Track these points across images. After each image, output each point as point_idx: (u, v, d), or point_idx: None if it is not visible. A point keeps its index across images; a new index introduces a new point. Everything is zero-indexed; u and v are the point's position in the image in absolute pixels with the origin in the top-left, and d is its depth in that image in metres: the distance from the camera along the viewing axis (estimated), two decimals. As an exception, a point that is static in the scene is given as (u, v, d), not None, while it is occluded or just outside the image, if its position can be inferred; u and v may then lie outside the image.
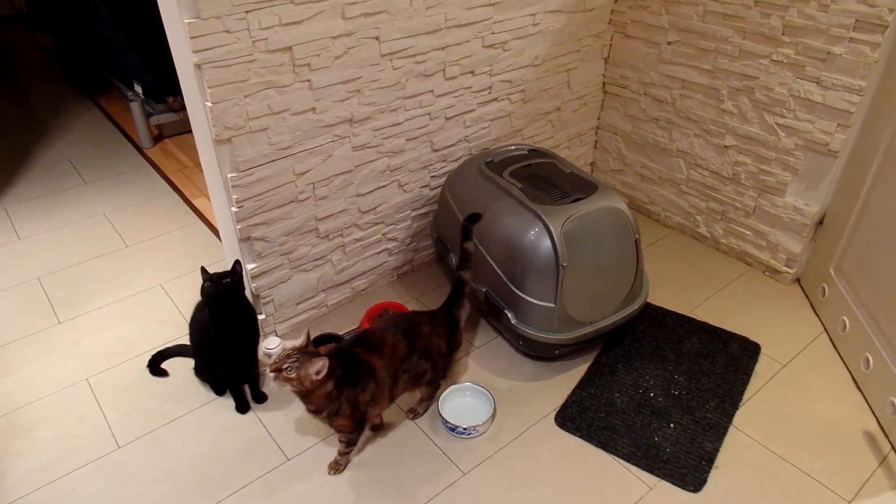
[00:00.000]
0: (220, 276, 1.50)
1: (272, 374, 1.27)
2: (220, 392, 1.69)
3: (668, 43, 2.10)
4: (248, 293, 1.76)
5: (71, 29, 3.33)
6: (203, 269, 1.51)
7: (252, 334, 1.61)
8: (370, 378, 1.40)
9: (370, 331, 1.47)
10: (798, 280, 2.09)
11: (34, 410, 1.65)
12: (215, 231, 2.35)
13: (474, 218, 1.64)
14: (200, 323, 1.59)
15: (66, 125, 3.17)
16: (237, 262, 1.52)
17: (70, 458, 1.53)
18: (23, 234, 2.35)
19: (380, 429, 1.59)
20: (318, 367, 1.27)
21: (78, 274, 2.15)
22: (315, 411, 1.35)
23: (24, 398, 1.68)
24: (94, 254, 2.25)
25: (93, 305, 2.01)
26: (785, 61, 1.83)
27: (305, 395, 1.31)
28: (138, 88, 2.89)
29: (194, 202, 2.50)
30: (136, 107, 2.81)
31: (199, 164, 2.74)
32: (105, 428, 1.60)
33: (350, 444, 1.47)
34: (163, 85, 2.82)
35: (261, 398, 1.69)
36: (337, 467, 1.48)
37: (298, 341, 1.34)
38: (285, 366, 1.26)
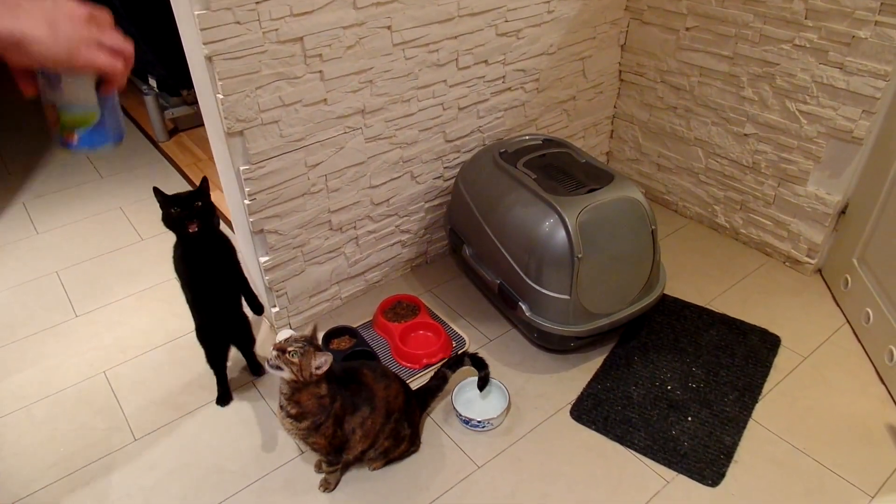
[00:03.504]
0: (188, 198, 1.31)
1: (274, 353, 1.22)
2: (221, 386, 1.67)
3: (686, 29, 2.05)
4: (261, 285, 1.76)
5: (86, 23, 3.34)
6: (156, 190, 1.34)
7: (233, 279, 1.44)
8: (368, 403, 1.35)
9: (383, 366, 1.45)
10: (819, 271, 2.05)
11: (53, 402, 1.67)
12: (229, 224, 2.35)
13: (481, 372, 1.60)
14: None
15: (83, 119, 3.19)
16: (204, 179, 1.37)
17: (88, 449, 1.54)
18: (41, 228, 2.37)
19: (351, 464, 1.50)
20: (321, 361, 1.23)
21: (95, 268, 2.17)
22: (297, 416, 1.27)
23: (44, 390, 1.70)
24: (110, 247, 2.26)
25: (110, 298, 2.02)
26: (807, 46, 1.78)
27: (296, 391, 1.26)
28: (153, 82, 2.90)
29: (209, 195, 2.50)
30: (150, 100, 2.82)
31: (213, 158, 2.75)
32: (122, 420, 1.62)
33: (330, 464, 1.41)
34: (176, 78, 2.82)
35: (258, 369, 1.67)
36: (326, 485, 1.43)
37: (305, 331, 1.29)
38: (290, 348, 1.22)
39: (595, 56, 2.20)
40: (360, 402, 1.35)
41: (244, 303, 1.60)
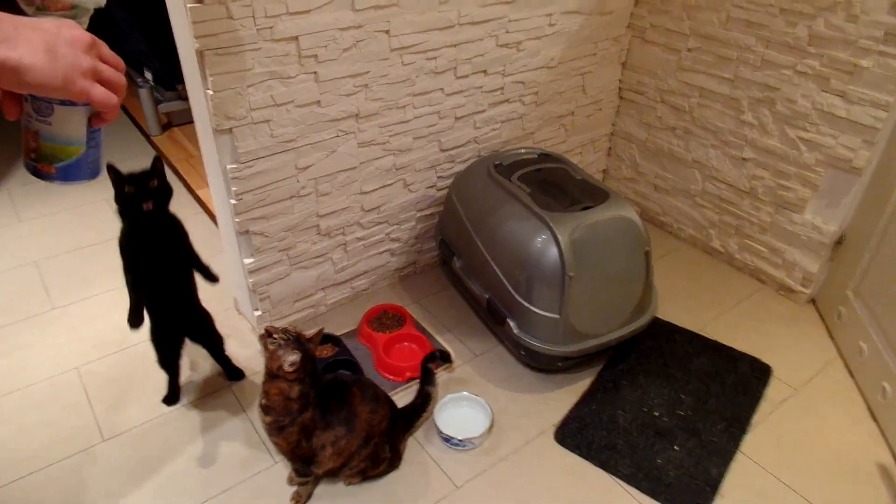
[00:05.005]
0: (143, 177, 1.26)
1: (262, 332, 1.23)
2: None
3: (688, 49, 2.03)
4: (245, 287, 1.72)
5: (84, 13, 3.30)
6: (110, 168, 1.26)
7: (185, 261, 1.40)
8: (345, 424, 1.30)
9: (377, 388, 1.39)
10: (813, 301, 2.02)
11: (22, 397, 1.61)
12: (215, 222, 2.30)
13: (441, 357, 1.59)
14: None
15: (76, 109, 3.15)
16: (157, 159, 1.31)
17: (55, 447, 1.49)
18: (24, 216, 2.32)
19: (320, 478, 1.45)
20: (294, 359, 1.20)
21: (76, 259, 2.12)
22: (264, 408, 1.25)
23: (13, 384, 1.65)
24: (92, 240, 2.21)
25: (89, 292, 1.97)
26: (809, 73, 1.76)
27: (268, 379, 1.24)
28: (148, 75, 2.86)
29: (198, 192, 2.46)
30: (144, 93, 2.78)
31: (205, 154, 2.71)
32: (91, 419, 1.56)
33: (298, 474, 1.37)
34: (171, 71, 2.79)
35: (234, 374, 1.63)
36: (298, 498, 1.38)
37: (310, 332, 1.27)
38: (275, 335, 1.21)
39: (595, 72, 2.17)
40: (336, 421, 1.30)
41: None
